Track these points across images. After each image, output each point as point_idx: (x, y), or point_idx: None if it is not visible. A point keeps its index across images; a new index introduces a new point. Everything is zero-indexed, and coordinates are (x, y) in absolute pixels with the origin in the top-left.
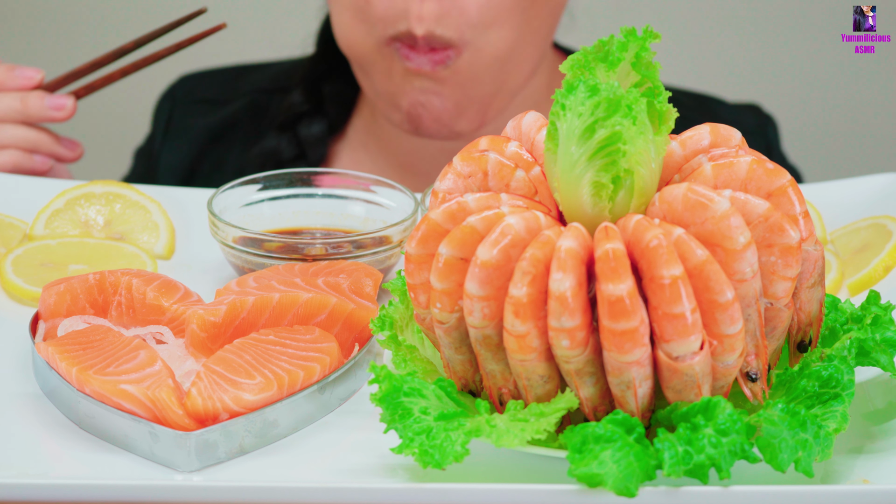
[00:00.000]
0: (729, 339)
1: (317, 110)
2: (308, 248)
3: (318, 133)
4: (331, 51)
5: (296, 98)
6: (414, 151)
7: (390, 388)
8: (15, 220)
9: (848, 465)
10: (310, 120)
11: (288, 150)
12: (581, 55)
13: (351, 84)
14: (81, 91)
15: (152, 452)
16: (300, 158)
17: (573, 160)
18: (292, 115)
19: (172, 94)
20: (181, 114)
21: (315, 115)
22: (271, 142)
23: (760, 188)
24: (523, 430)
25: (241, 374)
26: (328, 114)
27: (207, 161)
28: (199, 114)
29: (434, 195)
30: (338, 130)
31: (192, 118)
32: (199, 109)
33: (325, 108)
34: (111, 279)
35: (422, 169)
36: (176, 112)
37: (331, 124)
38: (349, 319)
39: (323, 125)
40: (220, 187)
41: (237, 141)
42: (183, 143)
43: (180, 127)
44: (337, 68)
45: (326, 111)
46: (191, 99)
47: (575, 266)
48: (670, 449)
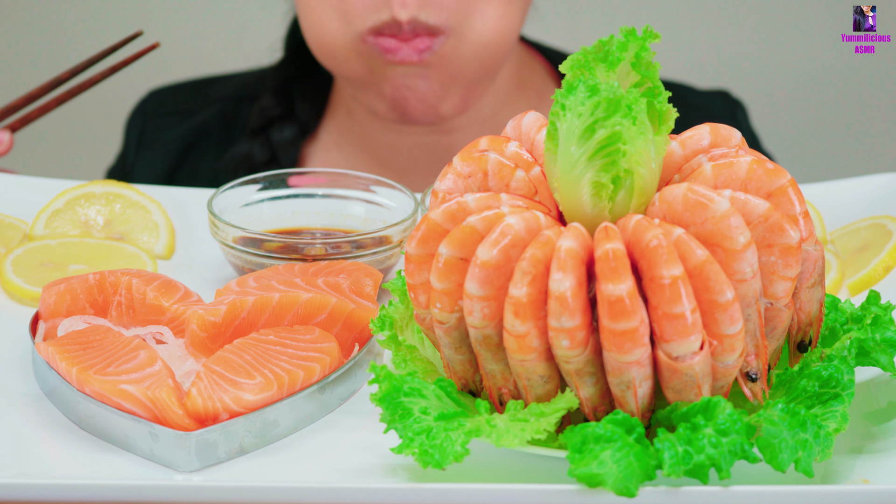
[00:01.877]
0: (729, 339)
1: (288, 114)
2: (308, 248)
3: (290, 136)
4: (300, 53)
5: (267, 102)
6: (391, 146)
7: (390, 388)
8: (15, 220)
9: (848, 465)
10: (281, 124)
11: (260, 154)
12: (581, 55)
13: (321, 85)
14: (17, 124)
15: (152, 452)
16: (272, 162)
17: (573, 160)
18: (264, 118)
19: (143, 109)
20: (153, 127)
21: (286, 119)
22: (243, 147)
23: (760, 188)
24: (523, 430)
25: (241, 374)
26: (299, 117)
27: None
28: (170, 125)
29: (434, 195)
30: (309, 132)
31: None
32: (170, 121)
33: (295, 111)
34: (111, 279)
35: (399, 164)
36: (148, 126)
37: (302, 127)
38: (349, 319)
39: (294, 128)
40: (220, 187)
41: (209, 149)
42: (156, 155)
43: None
44: (306, 71)
45: (297, 114)
46: (162, 111)
47: (575, 266)
48: (670, 449)
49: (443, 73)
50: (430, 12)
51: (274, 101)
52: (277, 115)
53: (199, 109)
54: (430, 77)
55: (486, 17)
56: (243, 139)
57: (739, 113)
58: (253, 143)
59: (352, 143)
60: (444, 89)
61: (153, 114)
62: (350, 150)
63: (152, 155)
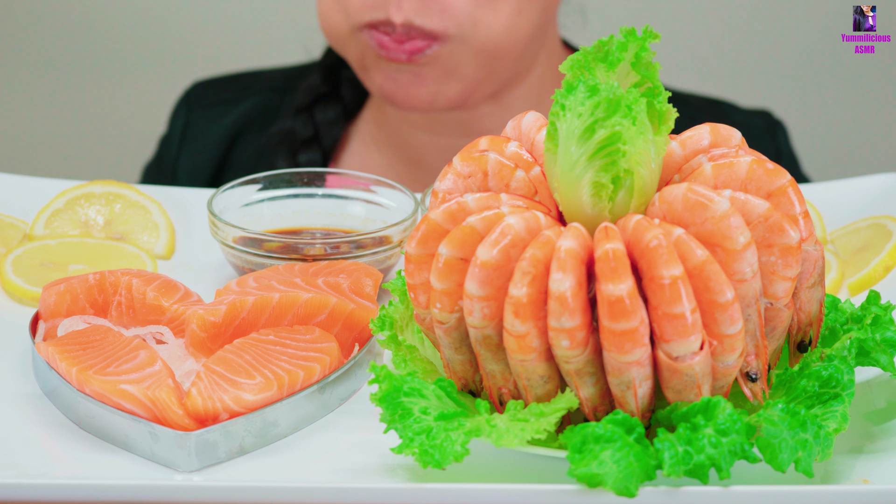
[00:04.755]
0: (729, 339)
1: (333, 94)
2: (308, 248)
3: (333, 117)
4: None
5: (314, 80)
6: (422, 146)
7: (390, 388)
8: (15, 220)
9: (848, 465)
10: (326, 104)
11: (303, 131)
12: (581, 55)
13: None
14: None
15: (152, 452)
16: (314, 140)
17: (573, 160)
18: (311, 95)
19: (188, 100)
20: (198, 119)
21: (331, 99)
22: (286, 123)
23: (760, 188)
24: (523, 430)
25: (241, 374)
26: (343, 98)
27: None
28: (215, 116)
29: (434, 195)
30: (352, 117)
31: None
32: (214, 112)
33: (341, 92)
34: (111, 279)
35: (430, 164)
36: (193, 117)
37: (346, 109)
38: (349, 319)
39: (338, 109)
40: (219, 187)
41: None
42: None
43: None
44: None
45: (342, 95)
46: (206, 102)
47: (575, 266)
48: (670, 449)
49: (437, 70)
50: (428, 18)
51: (321, 80)
52: (324, 92)
53: (243, 99)
54: (423, 75)
55: (491, 27)
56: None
57: (780, 134)
58: (296, 120)
59: (386, 138)
60: (439, 83)
61: (197, 105)
62: (384, 143)
63: (196, 146)
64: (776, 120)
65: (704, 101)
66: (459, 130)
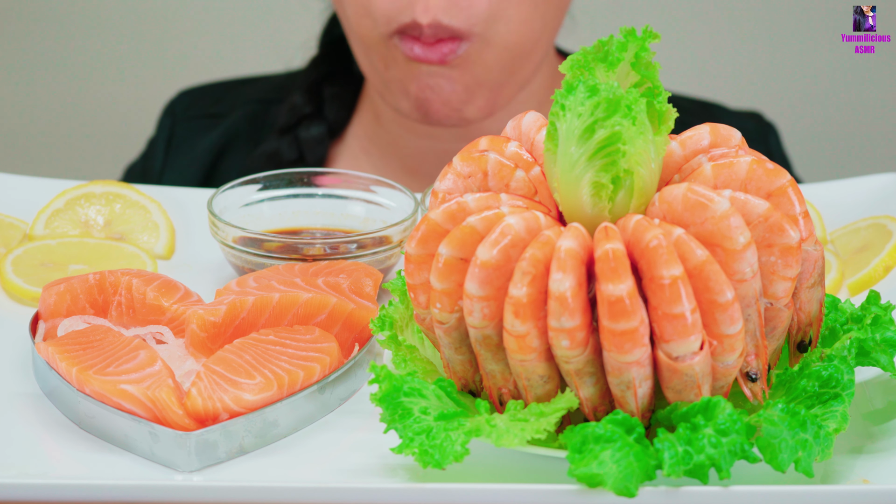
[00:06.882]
0: (729, 340)
1: (317, 113)
2: (308, 248)
3: (318, 135)
4: (333, 52)
5: (297, 100)
6: (418, 153)
7: (390, 388)
8: (15, 220)
9: (848, 465)
10: (309, 122)
11: (288, 153)
12: (580, 55)
13: (351, 87)
14: None
15: (152, 452)
16: (299, 161)
17: (573, 160)
18: (293, 116)
19: (172, 110)
20: (182, 130)
21: (315, 118)
22: (271, 144)
23: (760, 188)
24: (523, 430)
25: (241, 374)
26: (327, 117)
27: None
28: (200, 130)
29: (434, 195)
30: (337, 134)
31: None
32: (200, 125)
33: (324, 111)
34: (111, 279)
35: (426, 171)
36: (177, 129)
37: (330, 127)
38: (349, 319)
39: (322, 128)
40: (219, 187)
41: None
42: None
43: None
44: (337, 71)
45: (326, 114)
46: (191, 114)
47: (575, 266)
48: (670, 449)
49: (467, 76)
50: (454, 16)
51: (304, 100)
52: (307, 113)
53: (228, 112)
54: (455, 79)
55: (510, 21)
56: (272, 136)
57: (772, 136)
58: (281, 141)
59: (379, 148)
60: (469, 92)
61: (182, 116)
62: (377, 154)
63: (182, 161)
64: (767, 122)
65: (694, 103)
66: (457, 134)
